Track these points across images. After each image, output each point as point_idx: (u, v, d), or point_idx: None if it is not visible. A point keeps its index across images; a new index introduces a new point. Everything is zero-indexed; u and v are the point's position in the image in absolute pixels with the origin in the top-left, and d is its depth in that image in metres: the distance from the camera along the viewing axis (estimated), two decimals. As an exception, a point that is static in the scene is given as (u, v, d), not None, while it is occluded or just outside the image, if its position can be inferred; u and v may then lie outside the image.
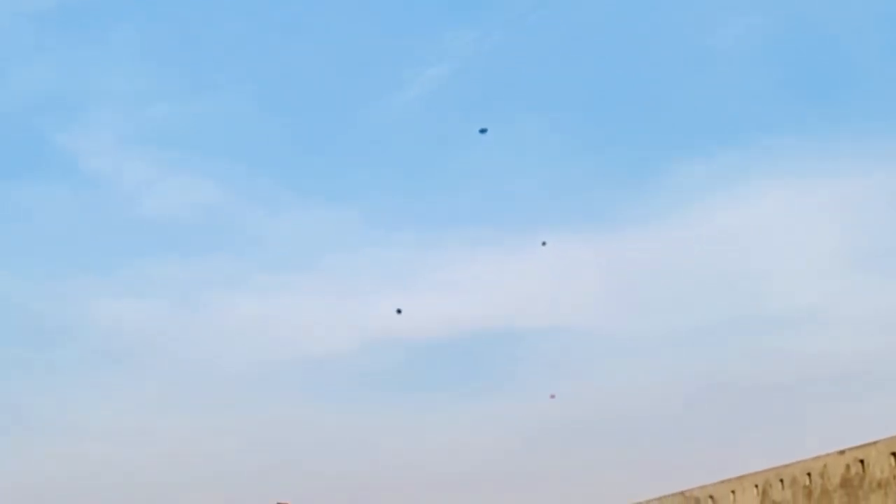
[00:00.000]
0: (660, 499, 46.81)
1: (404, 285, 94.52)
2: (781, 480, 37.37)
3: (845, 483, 34.69)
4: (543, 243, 56.99)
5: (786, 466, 37.38)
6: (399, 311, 54.91)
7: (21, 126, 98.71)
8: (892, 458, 33.47)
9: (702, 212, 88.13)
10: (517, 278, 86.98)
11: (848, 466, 34.72)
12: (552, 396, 55.96)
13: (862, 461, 34.30)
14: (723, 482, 41.54)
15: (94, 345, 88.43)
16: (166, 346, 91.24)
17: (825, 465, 35.22)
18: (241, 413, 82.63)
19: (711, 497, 42.22)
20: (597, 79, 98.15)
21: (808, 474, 35.86)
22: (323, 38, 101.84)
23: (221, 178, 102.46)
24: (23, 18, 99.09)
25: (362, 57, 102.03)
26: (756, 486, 38.89)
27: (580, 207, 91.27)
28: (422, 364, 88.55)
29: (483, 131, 54.68)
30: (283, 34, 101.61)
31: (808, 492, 35.80)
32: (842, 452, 35.16)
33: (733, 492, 40.47)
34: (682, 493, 44.81)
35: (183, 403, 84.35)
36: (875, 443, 34.05)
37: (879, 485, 33.55)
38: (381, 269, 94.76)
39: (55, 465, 77.28)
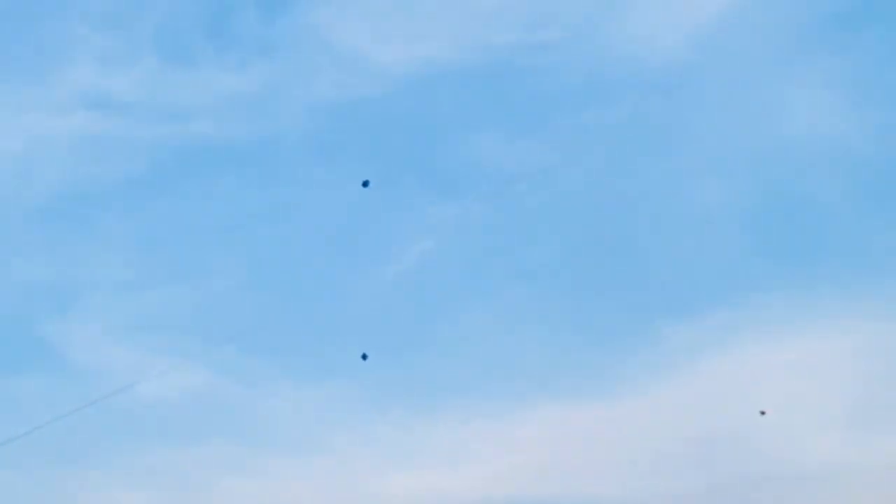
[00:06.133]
0: None
1: (399, 462, 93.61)
2: None
3: None
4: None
5: None
6: None
7: (13, 320, 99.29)
8: None
9: (693, 373, 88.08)
10: (512, 449, 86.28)
11: None
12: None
13: None
14: None
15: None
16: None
17: None
18: None
19: None
20: (580, 246, 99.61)
21: None
22: (311, 220, 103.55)
23: (211, 362, 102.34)
24: (17, 213, 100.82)
25: (349, 236, 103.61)
26: None
27: (572, 373, 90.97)
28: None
29: (365, 184, 55.10)
30: (270, 217, 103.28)
31: None
32: None
33: None
34: None
35: None
36: None
37: None
38: (375, 446, 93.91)
39: None
